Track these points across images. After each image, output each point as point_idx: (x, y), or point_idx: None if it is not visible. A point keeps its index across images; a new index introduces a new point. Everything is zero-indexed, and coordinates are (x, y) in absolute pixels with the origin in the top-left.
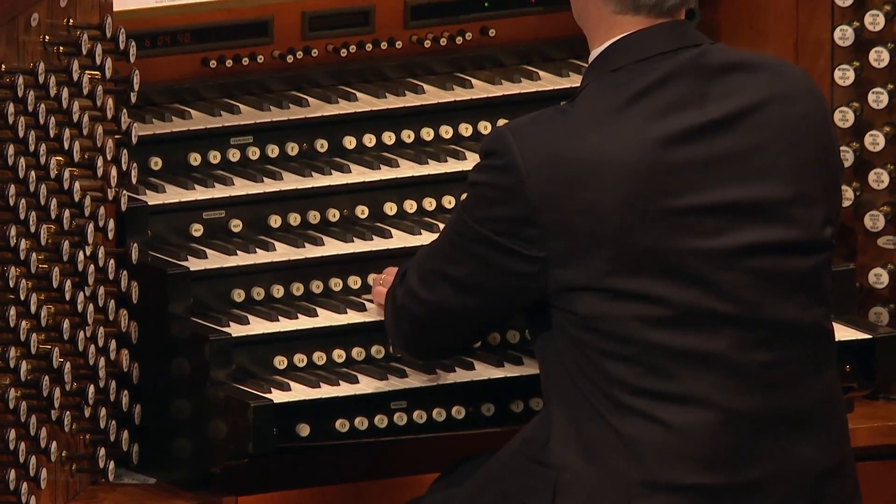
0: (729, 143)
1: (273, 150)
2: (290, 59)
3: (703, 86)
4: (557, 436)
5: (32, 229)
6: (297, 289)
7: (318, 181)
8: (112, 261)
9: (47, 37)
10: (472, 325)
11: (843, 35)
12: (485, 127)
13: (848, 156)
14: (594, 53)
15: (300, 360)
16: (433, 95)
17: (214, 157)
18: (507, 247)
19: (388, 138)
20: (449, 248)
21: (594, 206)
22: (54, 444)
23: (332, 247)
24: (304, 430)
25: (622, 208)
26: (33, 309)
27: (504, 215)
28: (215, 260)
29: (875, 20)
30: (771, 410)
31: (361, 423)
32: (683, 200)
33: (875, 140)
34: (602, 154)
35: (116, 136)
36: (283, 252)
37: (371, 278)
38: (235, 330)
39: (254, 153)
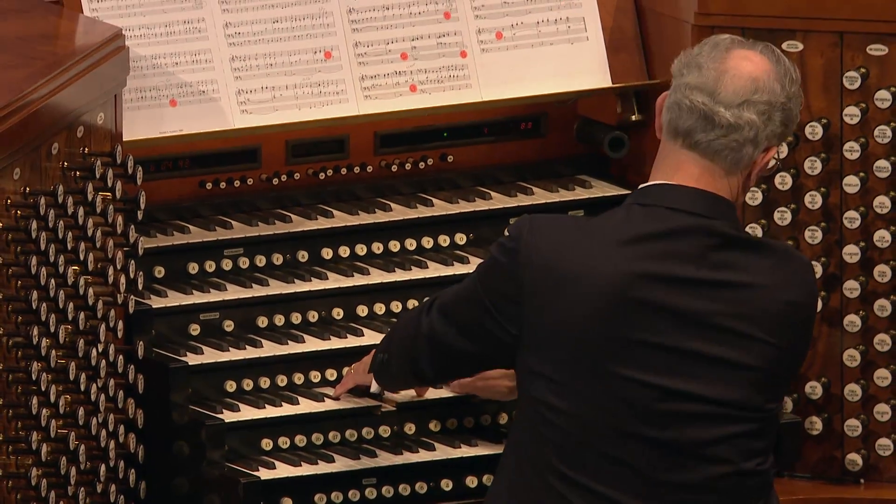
0: (706, 306)
1: (261, 260)
2: (275, 181)
3: (707, 248)
4: (500, 481)
5: (52, 329)
6: (282, 380)
7: (300, 287)
8: (121, 356)
9: (65, 163)
10: (458, 363)
11: (754, 196)
12: (444, 240)
13: None
14: (646, 183)
15: (284, 442)
16: (399, 213)
17: (210, 266)
18: (495, 317)
19: (361, 250)
20: (462, 297)
21: (564, 313)
22: None
23: (312, 344)
24: (288, 503)
25: (586, 323)
26: (52, 398)
27: (501, 289)
28: (210, 356)
29: (783, 181)
30: None
31: (337, 497)
32: (642, 335)
33: None
34: (587, 272)
35: (125, 249)
36: (269, 349)
37: (345, 370)
38: (228, 416)
39: (244, 263)
